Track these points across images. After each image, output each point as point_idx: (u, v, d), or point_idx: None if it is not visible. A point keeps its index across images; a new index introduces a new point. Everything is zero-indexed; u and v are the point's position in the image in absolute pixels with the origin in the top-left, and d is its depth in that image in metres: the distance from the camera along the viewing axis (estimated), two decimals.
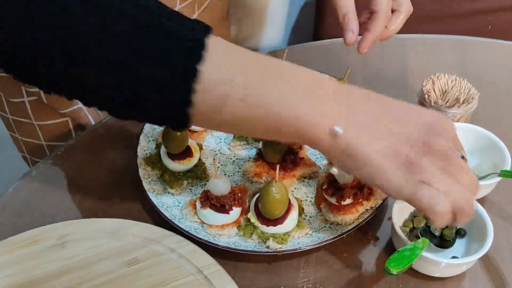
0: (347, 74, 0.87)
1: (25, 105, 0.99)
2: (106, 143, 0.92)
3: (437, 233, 0.75)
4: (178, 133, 0.78)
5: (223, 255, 0.74)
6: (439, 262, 0.70)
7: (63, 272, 0.70)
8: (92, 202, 0.82)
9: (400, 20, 0.80)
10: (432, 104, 0.86)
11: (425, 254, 0.68)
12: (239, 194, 0.75)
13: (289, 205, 0.73)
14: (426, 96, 0.86)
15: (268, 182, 0.70)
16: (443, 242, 0.74)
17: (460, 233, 0.76)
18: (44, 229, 0.75)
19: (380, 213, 0.80)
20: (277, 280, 0.73)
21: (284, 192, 0.70)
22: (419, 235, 0.75)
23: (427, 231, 0.75)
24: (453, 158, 0.54)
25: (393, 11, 0.80)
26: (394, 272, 0.62)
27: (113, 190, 0.84)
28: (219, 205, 0.73)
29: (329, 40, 1.15)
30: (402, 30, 1.10)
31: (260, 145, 0.82)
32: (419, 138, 0.54)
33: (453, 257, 0.73)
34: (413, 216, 0.77)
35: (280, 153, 0.80)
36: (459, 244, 0.75)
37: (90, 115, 1.02)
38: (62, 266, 0.70)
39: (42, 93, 0.96)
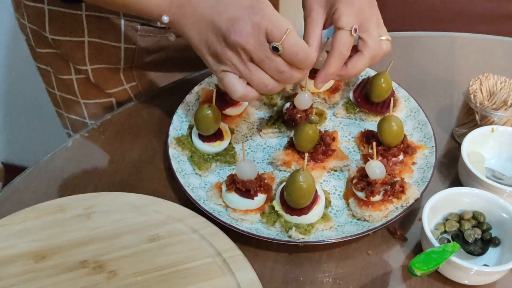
0: (389, 67, 0.84)
1: (73, 82, 1.01)
2: (142, 121, 0.92)
3: (470, 240, 0.71)
4: (210, 115, 0.78)
5: (244, 240, 0.73)
6: (469, 269, 0.66)
7: (87, 241, 0.71)
8: (121, 177, 0.83)
9: (360, 62, 0.77)
10: (478, 105, 0.81)
11: (454, 259, 0.65)
12: (266, 181, 0.74)
13: (316, 196, 0.71)
14: (472, 96, 0.82)
15: (295, 170, 0.69)
16: (475, 249, 0.71)
17: (494, 242, 0.72)
18: (72, 198, 0.76)
19: (411, 214, 0.77)
20: (296, 272, 0.71)
21: (311, 181, 0.69)
22: (451, 239, 0.72)
23: (459, 237, 0.72)
24: (255, 51, 0.68)
25: (359, 50, 0.78)
26: (418, 273, 0.60)
27: (143, 167, 0.85)
28: (244, 189, 0.72)
29: None
30: (453, 28, 1.06)
31: (292, 134, 0.80)
32: (229, 35, 0.67)
33: (484, 265, 0.69)
34: (445, 219, 0.74)
35: (311, 142, 0.78)
36: (492, 253, 0.71)
37: (134, 96, 1.03)
38: (87, 236, 0.71)
39: (90, 72, 0.98)
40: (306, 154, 0.70)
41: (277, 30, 0.67)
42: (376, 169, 0.71)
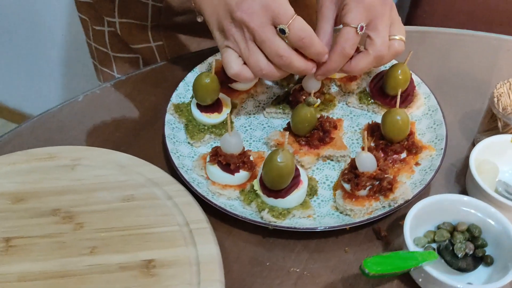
0: (408, 57, 0.78)
1: (105, 34, 1.03)
2: (156, 84, 0.92)
3: (459, 254, 0.64)
4: (208, 84, 0.75)
5: (221, 216, 0.70)
6: (448, 285, 0.60)
7: (65, 191, 0.71)
8: (120, 136, 0.83)
9: (364, 60, 0.73)
10: (501, 110, 0.73)
11: (430, 271, 0.59)
12: (250, 158, 0.71)
13: (297, 181, 0.67)
14: (496, 100, 0.74)
15: (275, 149, 0.65)
16: (463, 265, 0.64)
17: (486, 260, 0.65)
18: (62, 148, 0.77)
19: (403, 217, 0.70)
20: (266, 256, 0.68)
21: (289, 163, 0.65)
22: (436, 250, 0.65)
23: (448, 249, 0.65)
24: (257, 31, 0.68)
25: (365, 48, 0.74)
26: (369, 272, 0.54)
27: (144, 129, 0.84)
28: (225, 163, 0.69)
29: (422, 27, 1.04)
30: (492, 29, 0.97)
31: None
32: (236, 11, 0.68)
33: (468, 284, 0.62)
34: (437, 228, 0.68)
35: (307, 126, 0.74)
36: (482, 272, 0.64)
37: (159, 57, 1.03)
38: (66, 186, 0.72)
39: (118, 25, 0.99)
40: (287, 134, 0.66)
41: (285, 13, 0.68)
42: (365, 161, 0.66)
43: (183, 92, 0.84)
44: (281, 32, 0.68)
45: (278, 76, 0.71)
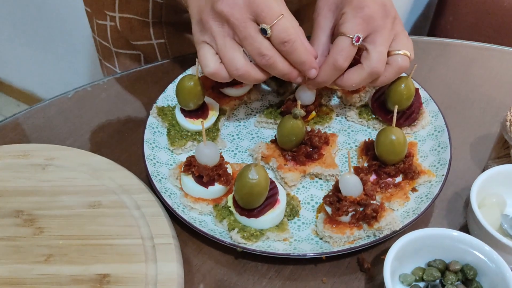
0: (412, 71, 0.71)
1: (107, 28, 1.00)
2: (148, 84, 0.87)
3: None
4: (191, 87, 0.70)
5: (192, 231, 0.65)
6: None
7: (30, 192, 0.68)
8: (103, 137, 0.79)
9: (357, 75, 0.66)
10: None
11: None
12: (228, 171, 0.65)
13: (272, 200, 0.61)
14: (508, 124, 0.66)
15: (247, 165, 0.59)
16: None
17: None
18: (38, 146, 0.74)
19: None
20: (234, 280, 0.62)
21: (262, 181, 0.59)
22: None
23: None
24: (239, 27, 0.62)
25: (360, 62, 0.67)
26: None
27: (128, 131, 0.80)
28: (197, 175, 0.64)
29: (442, 39, 0.96)
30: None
31: None
32: (217, 2, 0.62)
33: None
34: (428, 265, 0.60)
35: (296, 139, 0.67)
36: None
37: (160, 55, 0.99)
38: (33, 186, 0.68)
39: (117, 19, 0.96)
40: (264, 145, 0.60)
41: (269, 11, 0.62)
42: (348, 184, 0.59)
43: (171, 94, 0.79)
44: (263, 32, 0.62)
45: (255, 78, 0.65)
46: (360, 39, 0.64)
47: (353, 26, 0.64)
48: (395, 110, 0.65)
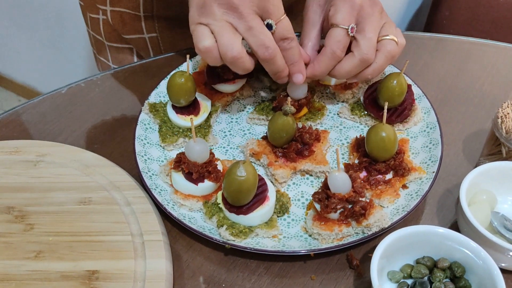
0: (404, 67, 0.71)
1: (99, 22, 1.00)
2: (142, 80, 0.87)
3: None
4: (182, 84, 0.70)
5: (182, 228, 0.65)
6: None
7: (22, 188, 0.68)
8: (96, 133, 0.79)
9: (349, 63, 0.68)
10: (504, 133, 0.65)
11: None
12: (218, 168, 0.65)
13: (262, 196, 0.61)
14: (500, 121, 0.65)
15: (236, 161, 0.59)
16: None
17: None
18: (30, 142, 0.74)
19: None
20: (224, 276, 0.62)
21: (251, 178, 0.58)
22: (410, 286, 0.58)
23: (425, 287, 0.57)
24: (246, 17, 0.63)
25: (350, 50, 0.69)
26: None
27: (121, 127, 0.80)
28: (187, 171, 0.64)
29: (437, 34, 0.95)
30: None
31: None
32: None
33: None
34: (416, 262, 0.60)
35: (286, 135, 0.67)
36: None
37: (152, 49, 0.99)
38: (24, 182, 0.68)
39: (109, 13, 0.96)
40: (255, 141, 0.60)
41: (277, 9, 0.64)
42: (336, 181, 0.59)
43: (164, 91, 0.79)
44: (268, 26, 0.64)
45: (245, 66, 0.65)
46: (355, 29, 0.66)
47: (345, 16, 0.66)
48: (386, 107, 0.65)
